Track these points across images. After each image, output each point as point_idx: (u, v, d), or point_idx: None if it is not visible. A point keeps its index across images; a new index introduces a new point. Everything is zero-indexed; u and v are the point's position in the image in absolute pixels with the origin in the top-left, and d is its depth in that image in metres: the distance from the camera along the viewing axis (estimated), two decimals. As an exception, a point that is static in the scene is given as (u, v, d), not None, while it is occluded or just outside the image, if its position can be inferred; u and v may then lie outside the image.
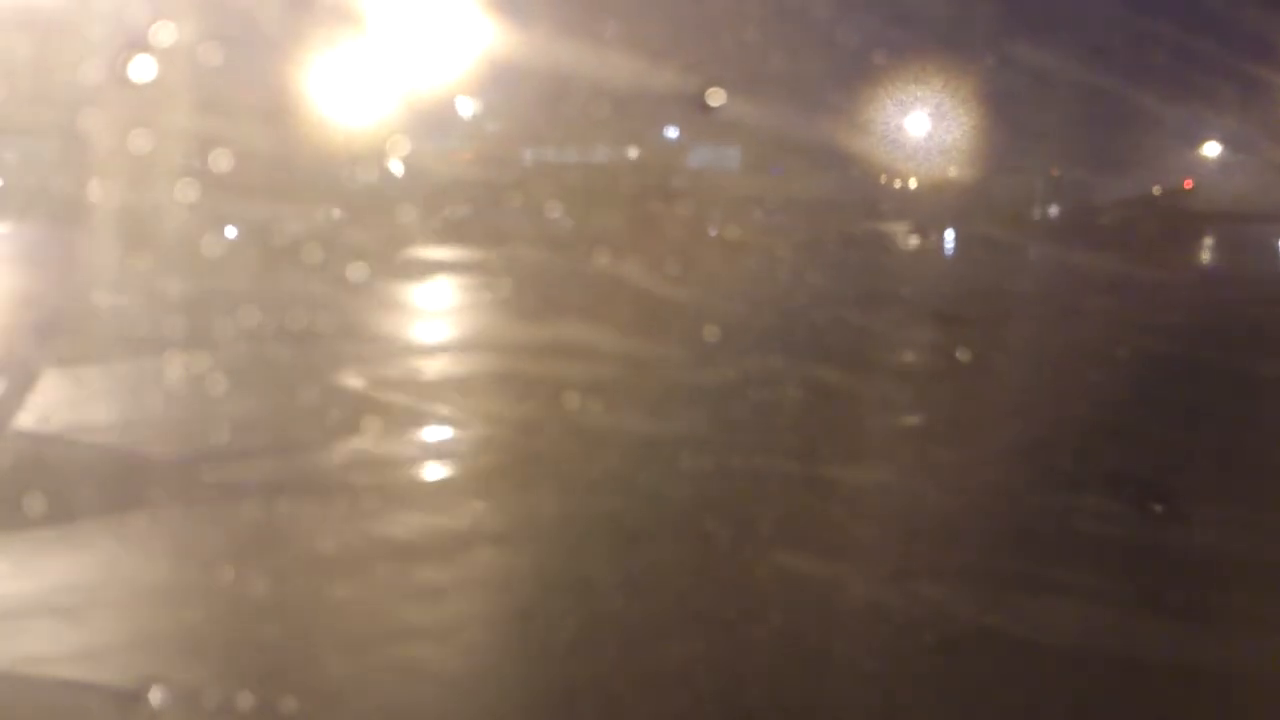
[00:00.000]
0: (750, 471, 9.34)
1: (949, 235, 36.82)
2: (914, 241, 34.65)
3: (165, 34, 15.86)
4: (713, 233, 30.50)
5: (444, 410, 11.70)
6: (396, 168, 30.00)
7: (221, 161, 20.57)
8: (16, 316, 16.11)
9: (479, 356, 15.33)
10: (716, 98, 20.91)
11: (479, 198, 31.37)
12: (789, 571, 7.09)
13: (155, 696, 5.24)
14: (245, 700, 5.29)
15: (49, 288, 18.09)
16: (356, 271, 20.09)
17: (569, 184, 31.18)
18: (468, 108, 34.93)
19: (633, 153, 36.74)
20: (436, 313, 20.03)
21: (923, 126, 38.29)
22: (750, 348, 14.53)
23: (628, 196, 29.67)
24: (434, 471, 9.68)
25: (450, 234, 27.95)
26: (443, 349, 16.01)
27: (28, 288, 18.93)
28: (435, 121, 32.24)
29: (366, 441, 10.28)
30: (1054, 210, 42.13)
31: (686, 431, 10.39)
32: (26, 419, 10.20)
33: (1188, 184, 43.07)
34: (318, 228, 23.97)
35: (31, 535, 7.43)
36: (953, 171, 39.03)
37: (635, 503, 8.42)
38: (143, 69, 15.01)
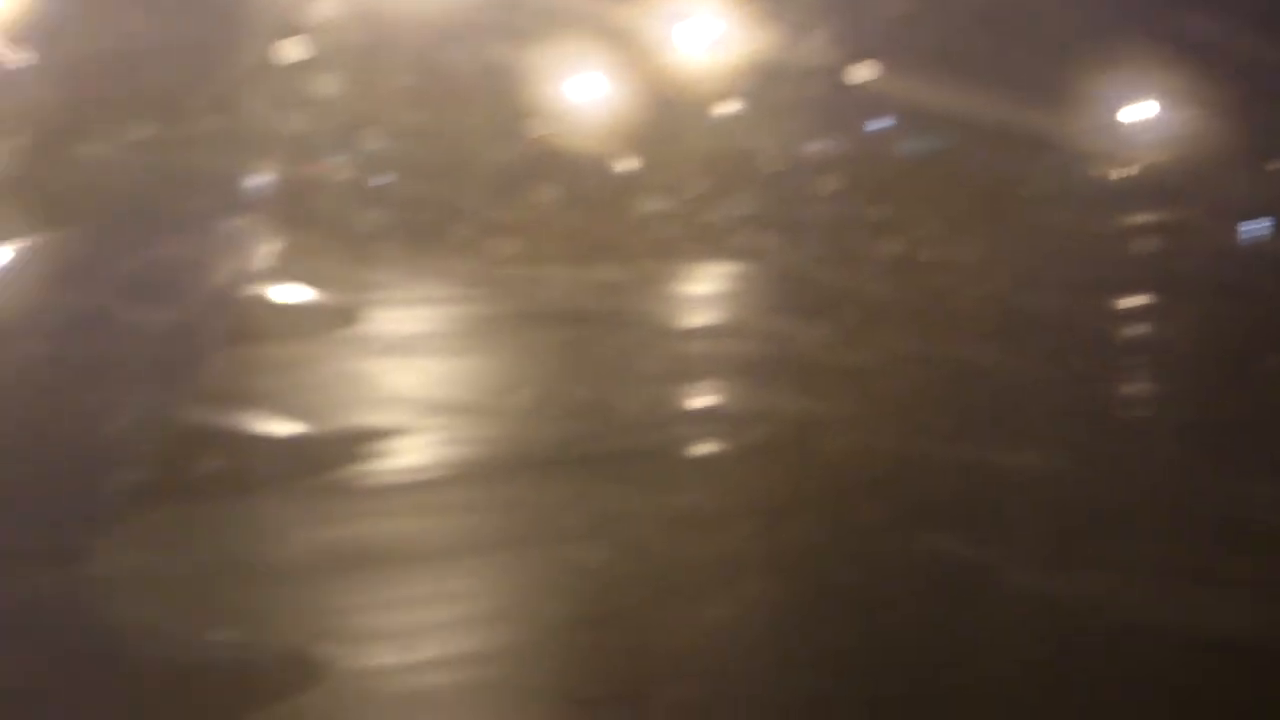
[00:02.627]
0: None
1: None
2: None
3: (320, 12, 16.13)
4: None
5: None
6: (625, 166, 29.07)
7: (384, 141, 20.86)
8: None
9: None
10: (863, 71, 20.39)
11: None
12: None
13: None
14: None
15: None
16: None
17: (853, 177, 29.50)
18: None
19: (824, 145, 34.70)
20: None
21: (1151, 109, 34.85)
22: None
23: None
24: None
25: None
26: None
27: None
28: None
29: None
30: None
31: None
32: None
33: None
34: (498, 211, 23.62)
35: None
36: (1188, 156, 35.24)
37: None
38: (299, 48, 15.29)
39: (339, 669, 5.26)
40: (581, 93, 28.64)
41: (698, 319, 16.97)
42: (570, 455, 9.45)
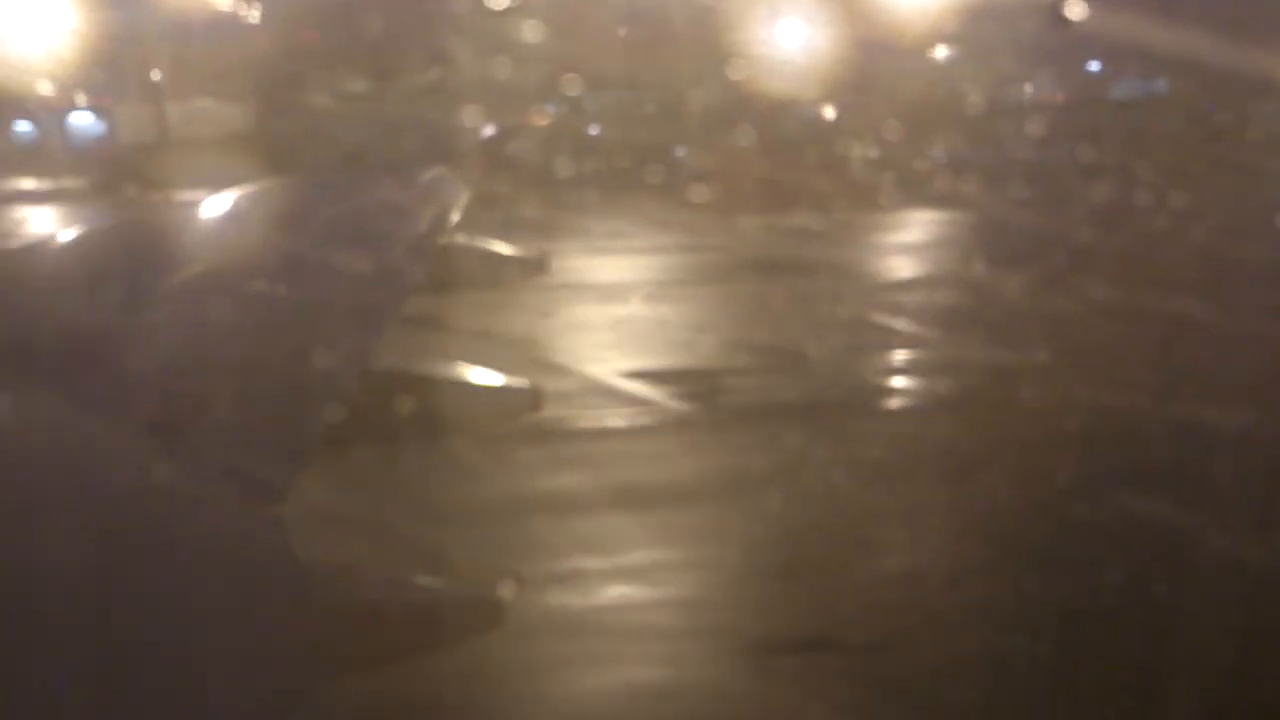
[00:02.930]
0: None
1: None
2: None
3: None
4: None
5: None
6: (827, 112, 28.50)
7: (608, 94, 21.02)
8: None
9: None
10: (1075, 9, 19.45)
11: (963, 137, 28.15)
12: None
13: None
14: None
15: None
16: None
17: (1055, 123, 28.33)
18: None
19: (1034, 88, 33.41)
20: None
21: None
22: None
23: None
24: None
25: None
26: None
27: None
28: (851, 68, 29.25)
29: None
30: None
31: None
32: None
33: None
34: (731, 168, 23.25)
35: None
36: None
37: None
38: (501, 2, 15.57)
39: (529, 611, 5.44)
40: (786, 37, 28.29)
41: (899, 267, 16.70)
42: (765, 403, 9.49)
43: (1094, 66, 35.25)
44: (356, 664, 2.69)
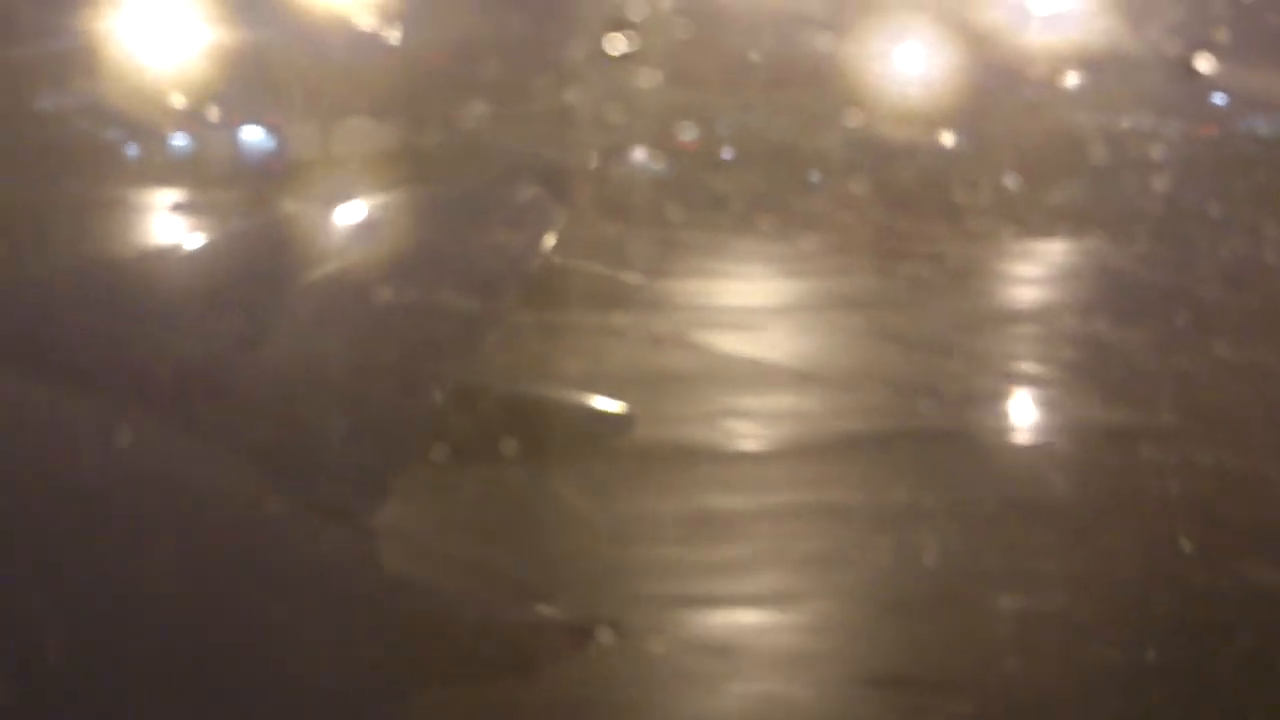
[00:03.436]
0: None
1: None
2: None
3: (642, 8, 16.47)
4: None
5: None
6: (949, 152, 28.24)
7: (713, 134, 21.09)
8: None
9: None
10: (1204, 63, 19.02)
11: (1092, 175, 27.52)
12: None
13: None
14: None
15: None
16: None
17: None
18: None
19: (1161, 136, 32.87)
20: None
21: None
22: None
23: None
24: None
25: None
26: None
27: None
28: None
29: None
30: None
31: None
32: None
33: None
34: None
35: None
36: None
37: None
38: (621, 43, 15.72)
39: (634, 634, 5.40)
40: (905, 75, 28.09)
41: (1013, 312, 16.44)
42: (877, 437, 9.42)
43: (1222, 112, 34.50)
44: (457, 680, 2.69)
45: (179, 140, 35.20)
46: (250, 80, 34.36)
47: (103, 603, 2.33)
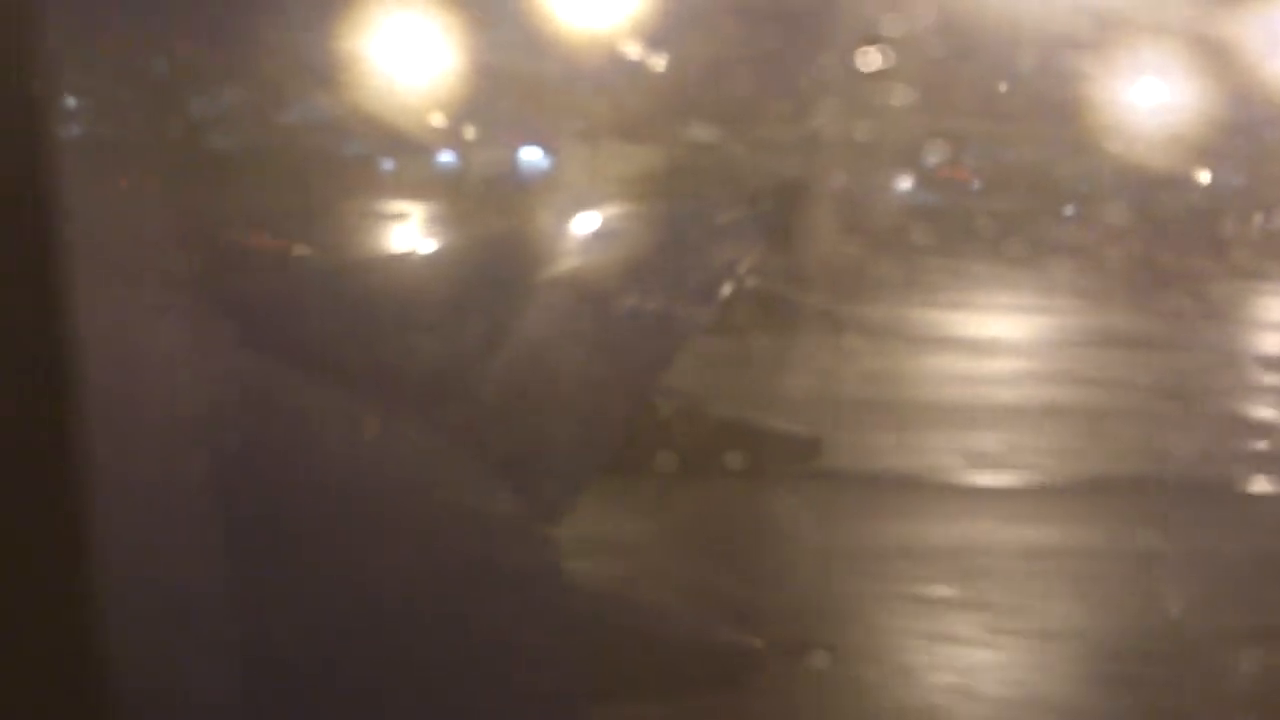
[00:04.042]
0: None
1: None
2: None
3: (896, 25, 16.32)
4: None
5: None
6: (1203, 176, 26.99)
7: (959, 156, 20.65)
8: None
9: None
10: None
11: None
12: None
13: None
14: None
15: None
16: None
17: None
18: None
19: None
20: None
21: None
22: None
23: None
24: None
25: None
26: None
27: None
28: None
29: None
30: None
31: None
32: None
33: None
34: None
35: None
36: None
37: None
38: (874, 60, 15.59)
39: (848, 661, 5.36)
40: (1161, 105, 26.92)
41: (1275, 357, 15.60)
42: (1112, 479, 9.11)
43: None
44: (662, 695, 2.74)
45: (433, 156, 37.04)
46: (503, 101, 35.98)
47: (333, 592, 2.45)
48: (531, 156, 35.68)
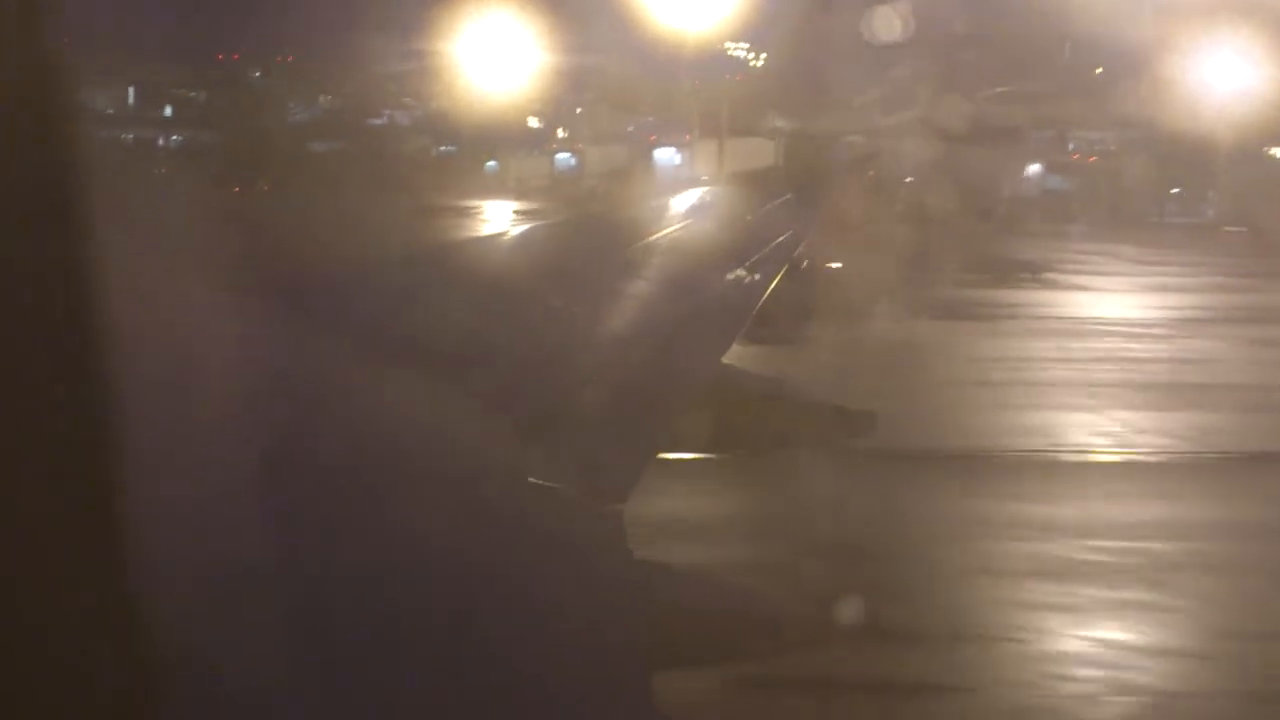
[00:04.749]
0: None
1: None
2: None
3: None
4: None
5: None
6: None
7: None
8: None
9: None
10: None
11: None
12: None
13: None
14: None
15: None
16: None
17: None
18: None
19: None
20: None
21: None
22: None
23: None
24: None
25: None
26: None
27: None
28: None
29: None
30: None
31: None
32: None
33: None
34: None
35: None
36: None
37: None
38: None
39: (853, 631, 5.27)
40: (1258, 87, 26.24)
41: None
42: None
43: None
44: (710, 664, 2.71)
45: (522, 156, 38.58)
46: (598, 99, 37.10)
47: (381, 558, 2.46)
48: (662, 154, 37.64)
